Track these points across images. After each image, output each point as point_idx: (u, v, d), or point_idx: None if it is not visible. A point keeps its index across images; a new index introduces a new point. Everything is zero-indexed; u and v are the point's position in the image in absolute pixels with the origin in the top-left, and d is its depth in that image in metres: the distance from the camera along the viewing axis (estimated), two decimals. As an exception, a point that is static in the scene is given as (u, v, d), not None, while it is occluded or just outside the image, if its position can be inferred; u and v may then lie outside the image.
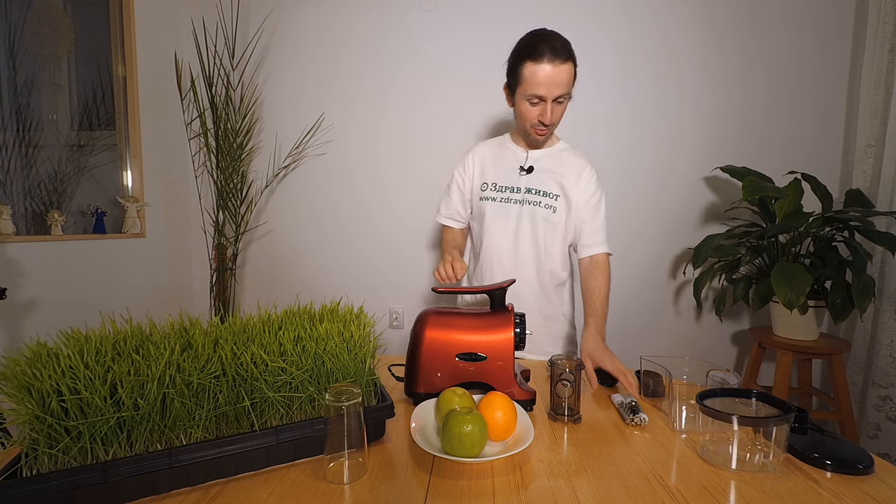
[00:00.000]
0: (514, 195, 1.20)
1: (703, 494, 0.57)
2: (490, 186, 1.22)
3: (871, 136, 1.72)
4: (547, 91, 1.05)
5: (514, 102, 1.15)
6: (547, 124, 1.10)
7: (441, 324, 0.85)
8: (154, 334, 0.65)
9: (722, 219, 1.93)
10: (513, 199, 1.20)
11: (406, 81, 2.04)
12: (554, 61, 1.02)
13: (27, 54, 1.71)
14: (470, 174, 1.26)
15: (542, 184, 1.19)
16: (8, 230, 1.47)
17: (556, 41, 1.04)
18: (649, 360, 0.87)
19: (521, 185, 1.20)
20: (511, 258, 1.21)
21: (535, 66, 1.03)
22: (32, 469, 0.53)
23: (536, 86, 1.05)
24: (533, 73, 1.04)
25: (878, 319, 1.64)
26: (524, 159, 1.21)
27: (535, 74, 1.04)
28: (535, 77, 1.04)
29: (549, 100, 1.06)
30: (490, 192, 1.22)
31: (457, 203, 1.28)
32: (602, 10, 1.92)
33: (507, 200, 1.20)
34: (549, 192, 1.18)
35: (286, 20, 2.07)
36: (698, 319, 2.01)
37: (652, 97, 1.93)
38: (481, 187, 1.23)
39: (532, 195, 1.18)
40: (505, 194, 1.20)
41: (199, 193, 2.09)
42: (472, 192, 1.26)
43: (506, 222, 1.20)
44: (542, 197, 1.18)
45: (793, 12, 1.84)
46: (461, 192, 1.28)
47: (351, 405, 0.59)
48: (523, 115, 1.12)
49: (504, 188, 1.20)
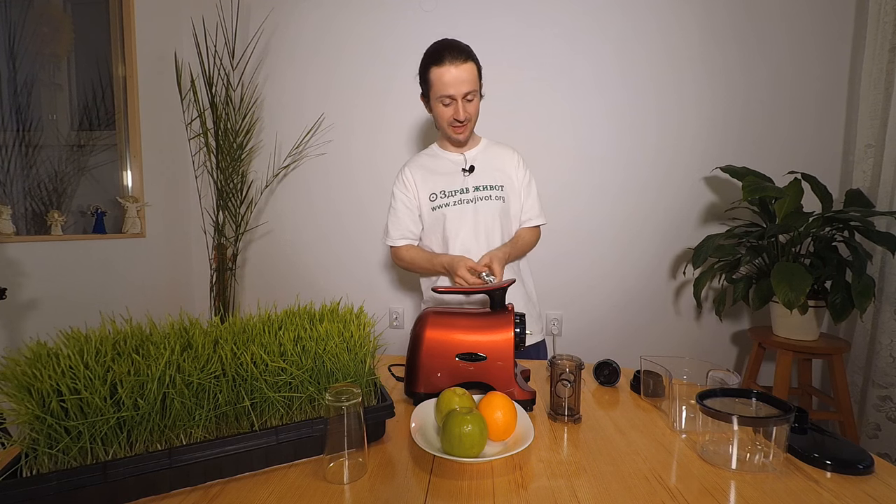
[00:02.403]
0: (465, 195, 1.24)
1: (703, 494, 0.57)
2: (439, 195, 1.25)
3: (871, 136, 1.72)
4: (455, 90, 1.14)
5: (430, 108, 1.24)
6: (461, 120, 1.18)
7: (441, 324, 0.85)
8: (154, 334, 0.64)
9: (722, 219, 1.93)
10: (465, 200, 1.24)
11: (406, 81, 2.03)
12: (455, 62, 1.13)
13: (27, 54, 1.71)
14: (413, 190, 1.28)
15: (487, 178, 1.26)
16: (8, 230, 1.47)
17: (455, 45, 1.15)
18: (649, 360, 0.87)
19: (467, 185, 1.25)
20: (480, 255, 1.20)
21: (439, 70, 1.14)
22: (32, 469, 0.53)
23: (444, 87, 1.14)
24: (439, 77, 1.14)
25: (878, 319, 1.64)
26: (463, 161, 1.28)
27: (441, 77, 1.14)
28: (442, 79, 1.14)
29: (458, 98, 1.15)
30: (441, 199, 1.25)
31: (406, 221, 1.29)
32: (602, 11, 1.92)
33: (460, 202, 1.24)
34: (496, 185, 1.26)
35: (286, 20, 2.07)
36: (698, 319, 2.01)
37: (652, 97, 1.93)
38: (430, 198, 1.26)
39: (482, 191, 1.25)
40: (457, 197, 1.24)
41: (199, 193, 2.09)
42: (419, 206, 1.28)
43: (467, 222, 1.24)
44: (490, 191, 1.25)
45: (793, 12, 1.84)
46: (408, 209, 1.29)
47: (351, 405, 0.59)
48: (440, 115, 1.20)
49: (454, 192, 1.25)
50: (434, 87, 1.16)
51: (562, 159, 1.98)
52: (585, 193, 1.99)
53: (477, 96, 1.19)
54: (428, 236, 1.29)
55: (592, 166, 1.98)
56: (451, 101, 1.16)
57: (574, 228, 2.00)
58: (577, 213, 1.99)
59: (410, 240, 1.30)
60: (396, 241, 1.30)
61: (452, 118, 1.18)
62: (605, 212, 1.99)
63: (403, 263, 1.32)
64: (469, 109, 1.18)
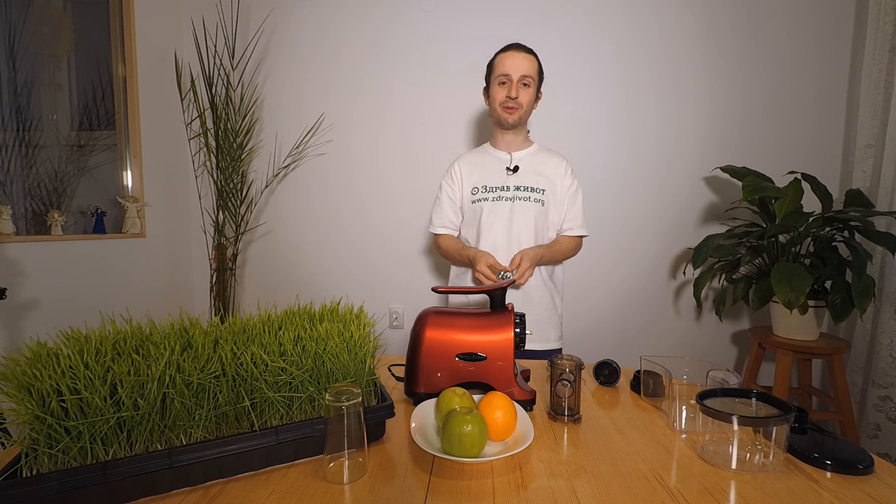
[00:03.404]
0: (504, 193, 1.29)
1: (703, 494, 0.57)
2: (481, 189, 1.32)
3: (871, 136, 1.72)
4: (513, 70, 1.24)
5: (488, 99, 1.33)
6: (513, 97, 1.25)
7: (441, 324, 0.85)
8: (154, 334, 0.64)
9: (722, 219, 1.93)
10: (504, 197, 1.29)
11: (406, 81, 2.04)
12: (519, 50, 1.26)
13: (27, 54, 1.71)
14: (458, 182, 1.36)
15: (529, 180, 1.30)
16: (8, 230, 1.47)
17: (522, 44, 1.28)
18: (649, 360, 0.87)
19: (509, 183, 1.30)
20: (508, 252, 1.26)
21: (502, 55, 1.27)
22: (32, 469, 0.53)
23: (504, 67, 1.25)
24: (501, 59, 1.27)
25: (878, 319, 1.64)
26: (509, 160, 1.33)
27: (502, 60, 1.27)
28: (503, 62, 1.26)
29: (514, 78, 1.24)
30: (482, 193, 1.31)
31: (448, 211, 1.37)
32: (602, 11, 1.92)
33: (498, 199, 1.29)
34: (536, 188, 1.29)
35: (286, 20, 2.07)
36: (698, 319, 2.01)
37: (652, 97, 1.94)
38: (472, 191, 1.32)
39: (521, 192, 1.29)
40: (496, 193, 1.30)
41: (199, 193, 2.10)
42: (462, 199, 1.36)
43: (501, 219, 1.28)
44: (530, 192, 1.29)
45: (793, 12, 1.84)
46: (451, 200, 1.37)
47: (351, 405, 0.59)
48: (494, 97, 1.29)
49: (494, 188, 1.30)
50: (495, 69, 1.27)
51: (562, 159, 1.98)
52: (585, 193, 1.98)
53: (533, 86, 1.27)
54: (466, 228, 1.36)
55: (592, 166, 1.98)
56: (507, 80, 1.24)
57: (574, 228, 2.00)
58: (577, 213, 1.99)
59: (450, 229, 1.38)
60: (437, 228, 1.39)
61: (506, 96, 1.25)
62: (605, 212, 1.99)
63: (440, 251, 1.41)
64: (522, 94, 1.25)
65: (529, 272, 1.16)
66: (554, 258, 1.30)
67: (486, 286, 0.95)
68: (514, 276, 1.15)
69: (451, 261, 1.41)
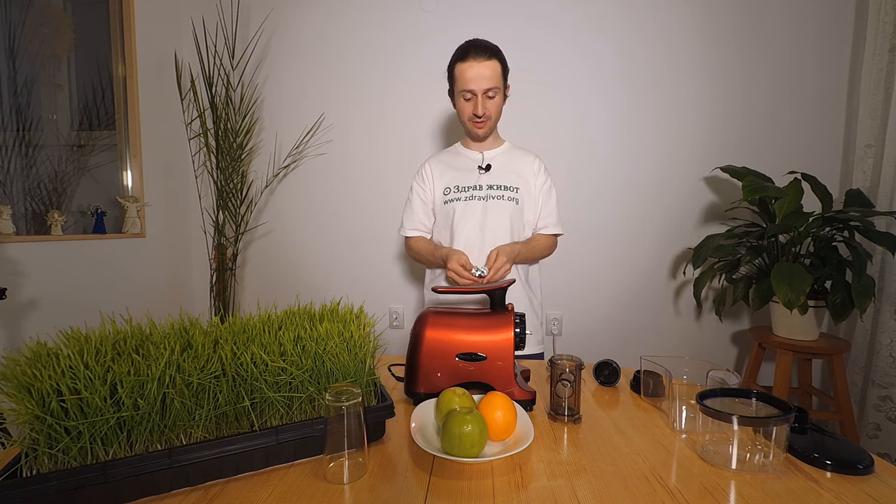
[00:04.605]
0: (477, 192, 1.26)
1: (703, 494, 0.57)
2: (453, 189, 1.28)
3: (871, 136, 1.72)
4: (476, 86, 1.18)
5: (455, 106, 1.27)
6: (480, 115, 1.20)
7: (441, 324, 0.85)
8: (154, 334, 0.64)
9: (722, 219, 1.93)
10: (477, 197, 1.26)
11: (406, 81, 2.04)
12: (479, 59, 1.16)
13: (27, 54, 1.71)
14: (430, 183, 1.32)
15: (502, 179, 1.27)
16: (8, 230, 1.47)
17: (481, 44, 1.18)
18: (649, 360, 0.87)
19: (482, 182, 1.27)
20: (482, 253, 1.21)
21: (463, 66, 1.18)
22: (32, 469, 0.53)
23: (466, 82, 1.18)
24: (462, 72, 1.18)
25: (878, 319, 1.64)
26: (481, 159, 1.30)
27: (463, 73, 1.18)
28: (464, 75, 1.18)
29: (479, 94, 1.18)
30: (454, 193, 1.28)
31: (420, 213, 1.33)
32: (602, 11, 1.92)
33: (471, 198, 1.26)
34: (510, 186, 1.26)
35: (286, 20, 2.07)
36: (698, 319, 2.01)
37: (652, 97, 1.94)
38: (444, 192, 1.29)
39: (495, 190, 1.26)
40: (469, 193, 1.26)
41: (199, 193, 2.10)
42: (433, 200, 1.32)
43: (474, 218, 1.25)
44: (504, 191, 1.26)
45: (793, 12, 1.84)
46: (423, 202, 1.33)
47: (351, 405, 0.59)
48: (461, 111, 1.24)
49: (467, 188, 1.27)
50: (457, 82, 1.21)
51: (561, 159, 1.98)
52: (585, 193, 1.99)
53: (499, 94, 1.21)
54: (438, 230, 1.33)
55: (592, 166, 1.98)
56: (472, 96, 1.19)
57: (574, 228, 1.99)
58: (578, 213, 1.99)
59: (422, 232, 1.34)
60: (408, 231, 1.35)
61: (472, 113, 1.21)
62: (605, 212, 1.99)
63: (412, 254, 1.37)
64: (489, 106, 1.21)
65: (507, 268, 1.10)
66: (531, 255, 1.26)
67: (486, 286, 0.95)
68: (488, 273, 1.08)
69: (424, 263, 1.36)
